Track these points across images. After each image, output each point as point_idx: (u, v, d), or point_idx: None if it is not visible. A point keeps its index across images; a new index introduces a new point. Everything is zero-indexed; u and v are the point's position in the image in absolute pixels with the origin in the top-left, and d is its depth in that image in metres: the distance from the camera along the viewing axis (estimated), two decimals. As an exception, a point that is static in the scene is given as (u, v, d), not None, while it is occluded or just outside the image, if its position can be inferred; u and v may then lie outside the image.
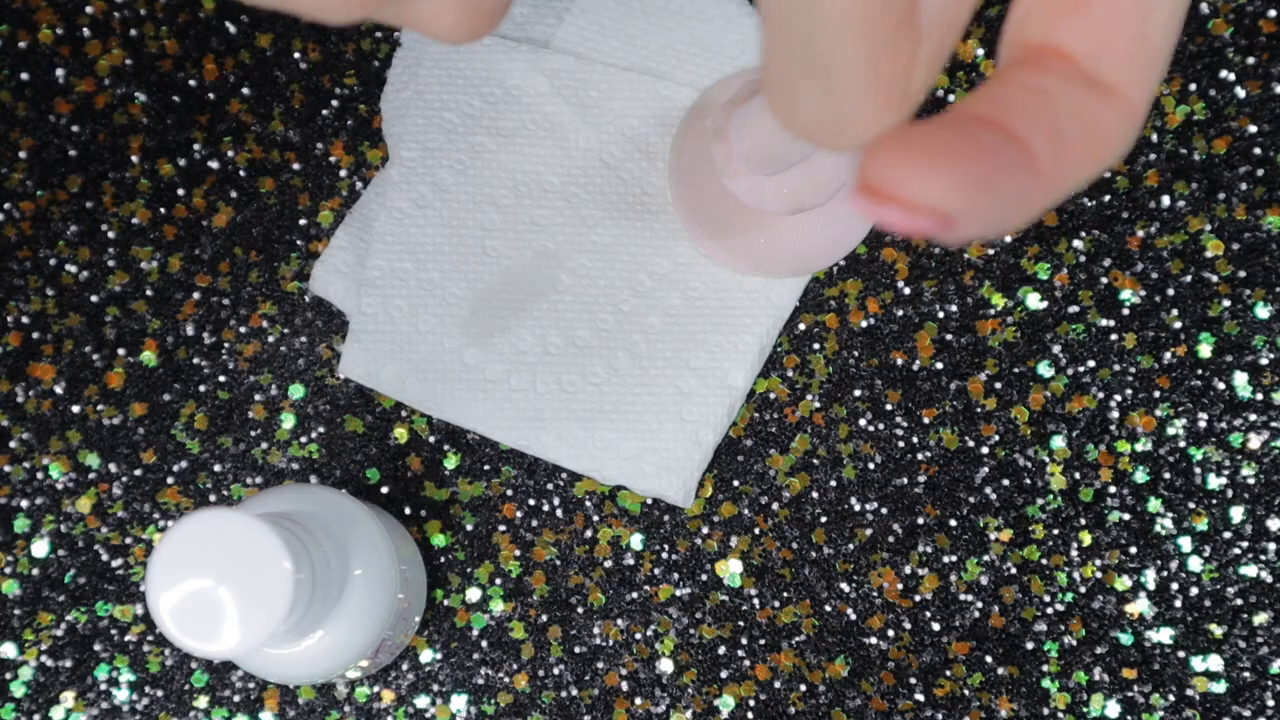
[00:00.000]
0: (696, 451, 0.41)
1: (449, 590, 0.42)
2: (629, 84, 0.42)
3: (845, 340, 0.42)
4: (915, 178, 0.20)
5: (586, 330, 0.42)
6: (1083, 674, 0.41)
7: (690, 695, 0.41)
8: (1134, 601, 0.41)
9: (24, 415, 0.43)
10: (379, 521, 0.37)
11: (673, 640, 0.42)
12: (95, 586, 0.42)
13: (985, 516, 0.42)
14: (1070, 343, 0.42)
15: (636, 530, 0.42)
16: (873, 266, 0.43)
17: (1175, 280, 0.42)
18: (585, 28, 0.43)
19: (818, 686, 0.41)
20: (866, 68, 0.21)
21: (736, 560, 0.42)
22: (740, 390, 0.42)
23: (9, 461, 0.43)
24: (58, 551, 0.43)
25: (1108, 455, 0.41)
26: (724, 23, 0.43)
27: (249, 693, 0.42)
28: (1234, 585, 0.41)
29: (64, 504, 0.43)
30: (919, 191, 0.21)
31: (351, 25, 0.28)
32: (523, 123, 0.42)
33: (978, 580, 0.41)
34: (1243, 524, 0.41)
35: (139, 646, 0.42)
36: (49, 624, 0.42)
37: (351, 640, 0.36)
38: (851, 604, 0.41)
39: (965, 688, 0.41)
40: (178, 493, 0.43)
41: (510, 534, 0.42)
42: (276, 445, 0.43)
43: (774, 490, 0.42)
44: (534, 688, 0.42)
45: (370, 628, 0.36)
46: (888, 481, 0.42)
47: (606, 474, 0.42)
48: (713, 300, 0.42)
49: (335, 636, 0.36)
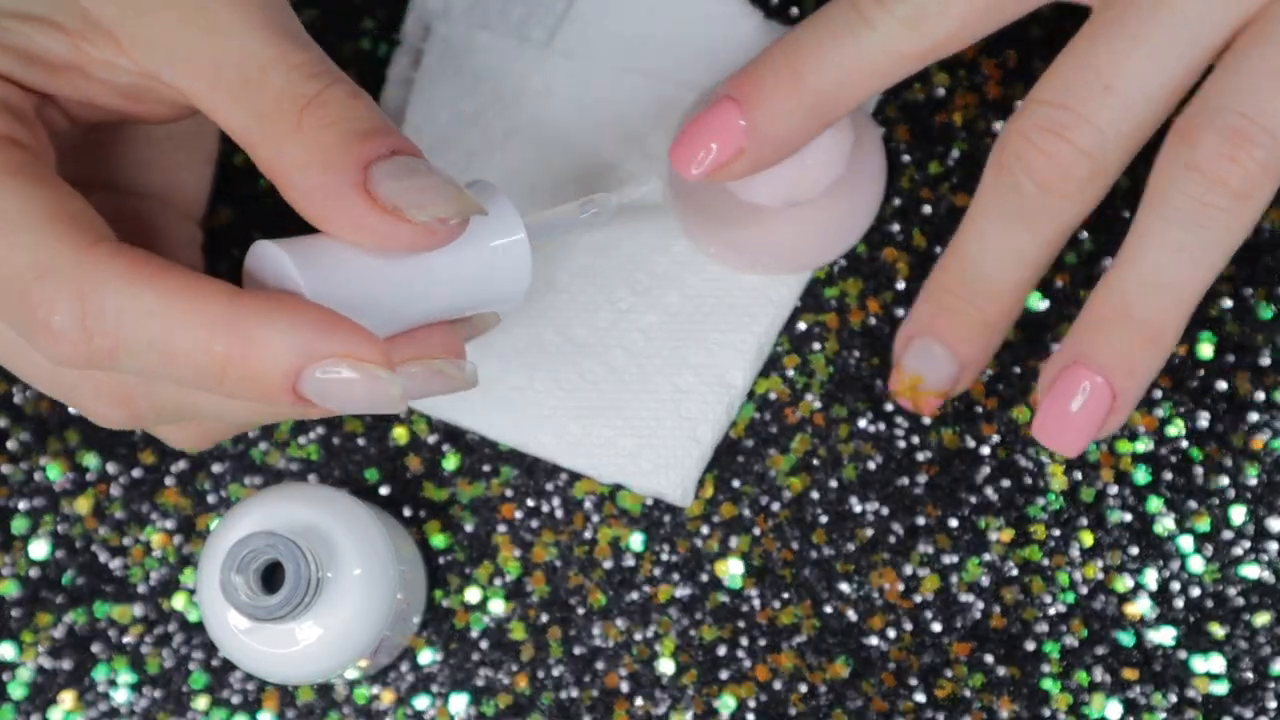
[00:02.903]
0: (695, 449, 0.41)
1: (448, 590, 0.42)
2: (629, 84, 0.42)
3: (845, 340, 0.42)
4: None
5: (583, 328, 0.42)
6: (1084, 674, 0.41)
7: (690, 696, 0.41)
8: (1135, 602, 0.41)
9: (22, 415, 0.43)
10: (378, 521, 0.37)
11: (673, 641, 0.42)
12: (94, 587, 0.42)
13: (986, 517, 0.41)
14: (1071, 342, 0.42)
15: (636, 531, 0.42)
16: (873, 266, 0.42)
17: (1176, 280, 0.42)
18: (585, 28, 0.43)
19: (818, 687, 0.41)
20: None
21: (737, 560, 0.42)
22: (739, 389, 0.42)
23: (7, 462, 0.43)
24: (56, 552, 0.43)
25: (1108, 455, 0.41)
26: (724, 23, 0.43)
27: (248, 694, 0.42)
28: (1235, 586, 0.41)
29: (62, 505, 0.43)
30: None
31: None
32: (520, 123, 0.42)
33: (978, 581, 0.41)
34: (1244, 524, 0.41)
35: (138, 648, 0.42)
36: (47, 625, 0.42)
37: (350, 640, 0.36)
38: (852, 604, 0.41)
39: (966, 688, 0.41)
40: (176, 493, 0.43)
41: (510, 534, 0.42)
42: (275, 445, 0.43)
43: (774, 490, 0.42)
44: (534, 688, 0.42)
45: (369, 628, 0.36)
46: (888, 482, 0.42)
47: (604, 472, 0.42)
48: (711, 298, 0.42)
49: (334, 636, 0.36)
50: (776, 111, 0.36)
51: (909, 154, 0.43)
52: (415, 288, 0.30)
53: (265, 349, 0.28)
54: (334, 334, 0.28)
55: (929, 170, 0.43)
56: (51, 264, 0.28)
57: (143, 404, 0.33)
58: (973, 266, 0.38)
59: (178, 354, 0.28)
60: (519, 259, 0.31)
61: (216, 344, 0.28)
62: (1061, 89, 0.35)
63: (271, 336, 0.28)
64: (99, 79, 0.31)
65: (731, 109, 0.36)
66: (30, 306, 0.28)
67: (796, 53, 0.36)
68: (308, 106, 0.29)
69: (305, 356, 0.28)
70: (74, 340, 0.28)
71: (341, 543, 0.36)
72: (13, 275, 0.28)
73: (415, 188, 0.29)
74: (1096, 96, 0.35)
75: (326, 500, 0.37)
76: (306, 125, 0.29)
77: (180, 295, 0.28)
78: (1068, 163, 0.35)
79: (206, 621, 0.36)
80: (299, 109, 0.29)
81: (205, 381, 0.28)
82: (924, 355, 0.39)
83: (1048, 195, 0.35)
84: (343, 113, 0.29)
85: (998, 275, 0.37)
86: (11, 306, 0.29)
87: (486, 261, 0.31)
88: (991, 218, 0.37)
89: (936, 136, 0.43)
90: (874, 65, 0.36)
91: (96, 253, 0.28)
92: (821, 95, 0.36)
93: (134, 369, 0.29)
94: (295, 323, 0.28)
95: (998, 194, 0.36)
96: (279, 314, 0.28)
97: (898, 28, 0.35)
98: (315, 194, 0.29)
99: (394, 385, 0.28)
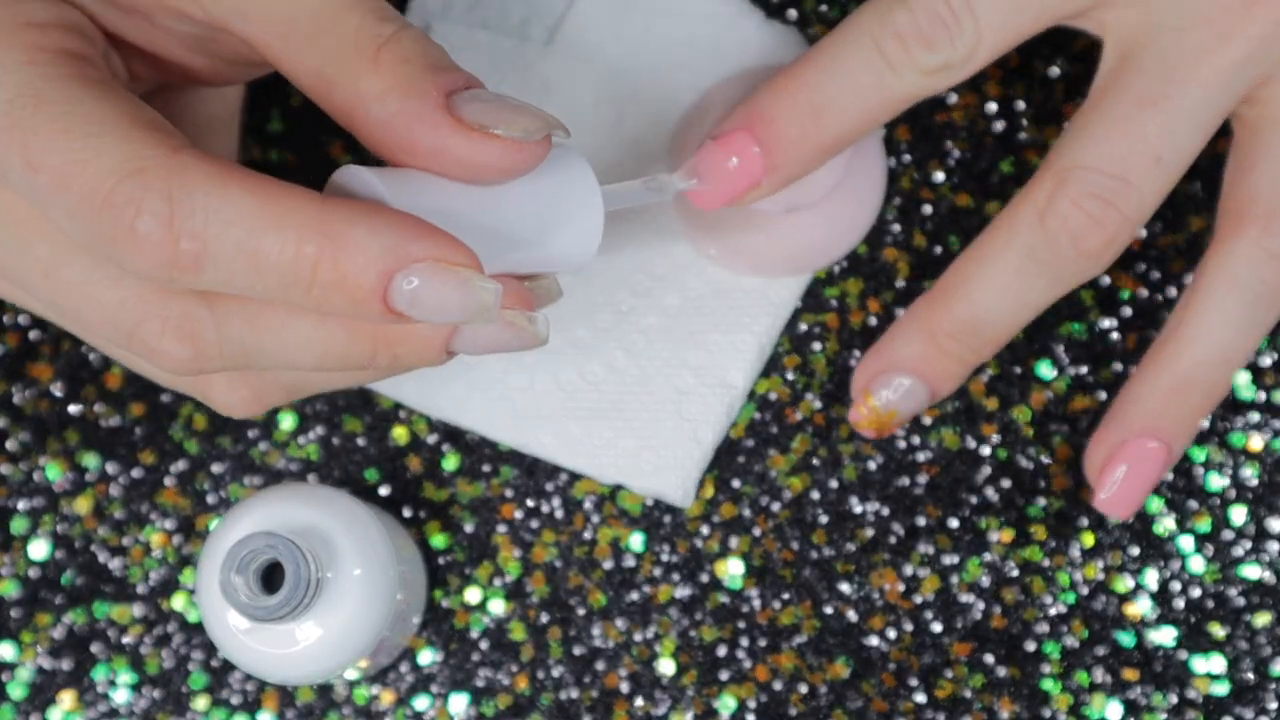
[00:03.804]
0: (695, 450, 0.41)
1: (448, 590, 0.42)
2: (629, 84, 0.42)
3: (845, 340, 0.42)
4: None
5: (584, 329, 0.42)
6: (1084, 675, 0.41)
7: (690, 697, 0.41)
8: (1135, 602, 0.41)
9: (21, 416, 0.43)
10: (378, 521, 0.37)
11: (673, 641, 0.41)
12: (93, 587, 0.42)
13: (986, 517, 0.41)
14: (1071, 342, 0.42)
15: (636, 531, 0.42)
16: (873, 266, 0.42)
17: (1176, 280, 0.42)
18: (584, 28, 0.43)
19: (818, 688, 0.41)
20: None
21: (737, 561, 0.42)
22: (739, 389, 0.42)
23: (7, 462, 0.43)
24: (56, 552, 0.43)
25: (1109, 455, 0.41)
26: (724, 23, 0.43)
27: (248, 694, 0.42)
28: (1236, 586, 0.41)
29: (62, 505, 0.43)
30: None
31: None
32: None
33: (979, 581, 0.41)
34: (1245, 524, 0.41)
35: (137, 648, 0.42)
36: (47, 625, 0.42)
37: (350, 640, 0.36)
38: (852, 605, 0.41)
39: (966, 689, 0.41)
40: (176, 493, 0.43)
41: (510, 534, 0.42)
42: (275, 445, 0.43)
43: (774, 490, 0.42)
44: (534, 689, 0.41)
45: (369, 628, 0.36)
46: (888, 482, 0.42)
47: (604, 472, 0.42)
48: (711, 300, 0.42)
49: (334, 636, 0.36)
50: (794, 151, 0.36)
51: (909, 154, 0.43)
52: (494, 228, 0.30)
53: (356, 250, 0.27)
54: (425, 238, 0.27)
55: (929, 170, 0.43)
56: (140, 165, 0.27)
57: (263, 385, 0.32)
58: (985, 315, 0.37)
59: (266, 258, 0.27)
60: (592, 217, 0.31)
61: (307, 245, 0.27)
62: (1116, 159, 0.36)
63: (363, 237, 0.27)
64: (165, 26, 0.31)
65: (748, 143, 0.36)
66: (116, 209, 0.27)
67: (817, 94, 0.36)
68: (385, 44, 0.29)
69: (396, 258, 0.27)
70: (159, 243, 0.27)
71: (341, 543, 0.36)
72: (98, 179, 0.27)
73: (498, 108, 0.29)
74: (1148, 168, 0.35)
75: (326, 500, 0.37)
76: (384, 60, 0.28)
77: (269, 196, 0.27)
78: (1114, 230, 0.36)
79: (206, 621, 0.36)
80: (376, 47, 0.29)
81: (293, 290, 0.27)
82: (900, 391, 0.39)
83: (1082, 257, 0.36)
84: (419, 49, 0.29)
85: (1005, 324, 0.38)
86: (96, 215, 0.27)
87: (563, 214, 0.31)
88: (1012, 266, 0.37)
89: (936, 136, 0.43)
90: (892, 108, 0.36)
91: (184, 156, 0.28)
92: (840, 135, 0.36)
93: (220, 279, 0.28)
94: (386, 225, 0.27)
95: (1028, 244, 0.36)
96: (370, 217, 0.27)
97: (919, 78, 0.36)
98: (398, 120, 0.28)
99: (487, 292, 0.27)
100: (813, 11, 0.43)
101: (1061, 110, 0.43)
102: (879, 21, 0.35)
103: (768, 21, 0.43)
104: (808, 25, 0.43)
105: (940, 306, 0.38)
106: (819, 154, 0.37)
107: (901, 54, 0.35)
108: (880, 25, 0.35)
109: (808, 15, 0.43)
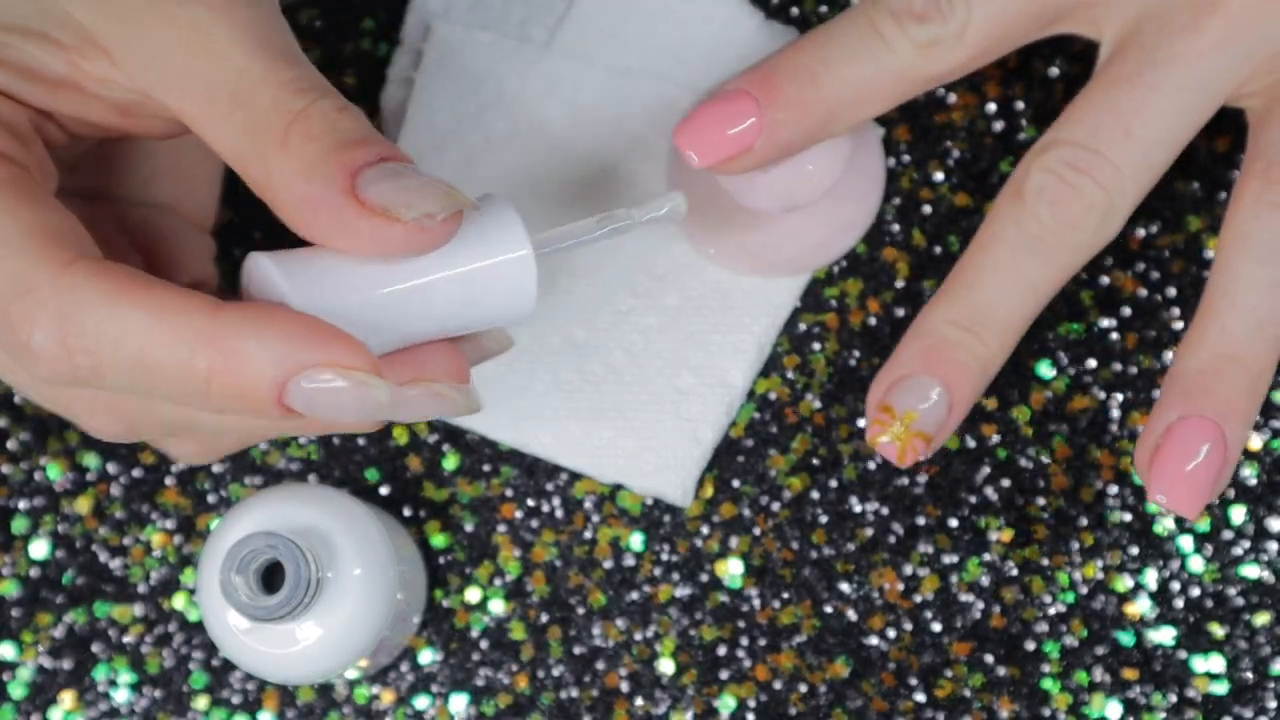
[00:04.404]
0: (695, 449, 0.41)
1: (448, 590, 0.42)
2: (628, 85, 0.42)
3: (845, 340, 0.42)
4: None
5: (584, 330, 0.42)
6: (1084, 674, 0.41)
7: (690, 696, 0.41)
8: (1135, 602, 0.41)
9: (22, 415, 0.43)
10: (379, 521, 0.37)
11: (673, 641, 0.42)
12: (94, 587, 0.42)
13: (986, 517, 0.41)
14: (1071, 343, 0.42)
15: (636, 530, 0.42)
16: (873, 266, 0.43)
17: (1176, 280, 0.42)
18: (585, 28, 0.43)
19: (818, 687, 0.41)
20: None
21: (737, 560, 0.42)
22: (739, 389, 0.42)
23: (7, 462, 0.43)
24: (56, 552, 0.43)
25: (1108, 455, 0.41)
26: (724, 23, 0.43)
27: (248, 694, 0.42)
28: (1235, 586, 0.41)
29: (63, 504, 0.43)
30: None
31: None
32: (521, 124, 0.42)
33: (978, 581, 0.41)
34: (1244, 524, 0.41)
35: (138, 648, 0.42)
36: (47, 625, 0.42)
37: (350, 640, 0.36)
38: (852, 604, 0.41)
39: (966, 688, 0.41)
40: (176, 493, 0.43)
41: (510, 534, 0.42)
42: (275, 445, 0.43)
43: (774, 490, 0.42)
44: (534, 688, 0.42)
45: (369, 627, 0.36)
46: (888, 482, 0.42)
47: (604, 472, 0.42)
48: (711, 300, 0.42)
49: (334, 636, 0.36)
50: (790, 115, 0.37)
51: (909, 154, 0.43)
52: (413, 301, 0.30)
53: (248, 362, 0.27)
54: (318, 343, 0.27)
55: (928, 170, 0.43)
56: (29, 283, 0.28)
57: (139, 418, 0.32)
58: (983, 294, 0.37)
59: (161, 371, 0.28)
60: (524, 275, 0.30)
61: (199, 359, 0.27)
62: (1087, 131, 0.36)
63: (254, 349, 0.27)
64: (94, 95, 0.31)
65: (748, 104, 0.37)
66: (11, 326, 0.28)
67: (816, 62, 0.37)
68: (294, 122, 0.29)
69: (289, 367, 0.27)
70: (55, 359, 0.28)
71: (341, 543, 0.36)
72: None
73: (403, 188, 0.29)
74: (1118, 140, 0.36)
75: (326, 500, 0.37)
76: (292, 140, 0.29)
77: (160, 311, 0.28)
78: (1089, 197, 0.36)
79: (206, 621, 0.36)
80: (285, 125, 0.29)
81: (191, 398, 0.28)
82: (913, 392, 0.37)
83: (1064, 228, 0.36)
84: (327, 125, 0.29)
85: (1006, 304, 0.37)
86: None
87: (488, 276, 0.30)
88: (1005, 247, 0.37)
89: (936, 136, 0.43)
90: (889, 86, 0.37)
91: (74, 270, 0.28)
92: (834, 107, 0.37)
93: (119, 387, 0.28)
94: (278, 333, 0.27)
95: (1015, 222, 0.37)
96: (261, 325, 0.27)
97: (914, 53, 0.36)
98: (303, 204, 0.29)
99: (382, 391, 0.28)
100: (813, 12, 0.43)
101: (1061, 110, 0.43)
102: (874, 2, 0.37)
103: (768, 22, 0.43)
104: (808, 25, 0.43)
105: (941, 301, 0.38)
106: (814, 122, 0.37)
107: (895, 29, 0.36)
108: (875, 4, 0.37)
109: (808, 15, 0.43)
